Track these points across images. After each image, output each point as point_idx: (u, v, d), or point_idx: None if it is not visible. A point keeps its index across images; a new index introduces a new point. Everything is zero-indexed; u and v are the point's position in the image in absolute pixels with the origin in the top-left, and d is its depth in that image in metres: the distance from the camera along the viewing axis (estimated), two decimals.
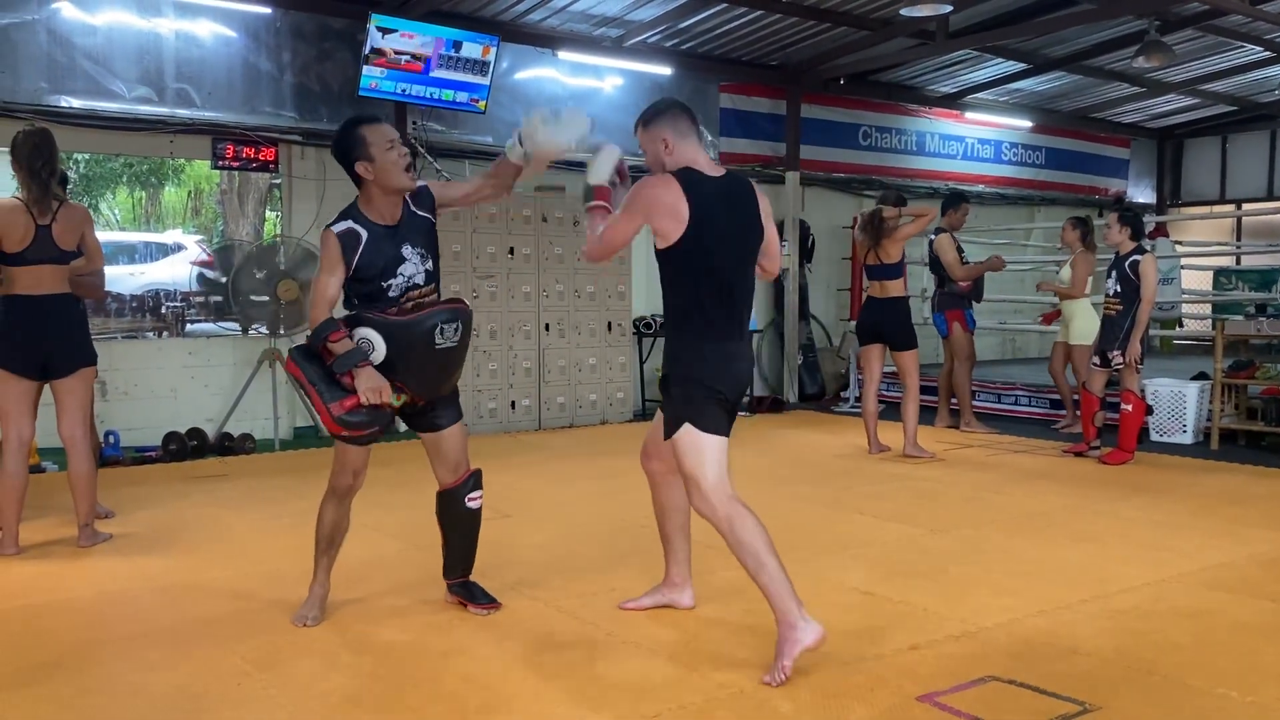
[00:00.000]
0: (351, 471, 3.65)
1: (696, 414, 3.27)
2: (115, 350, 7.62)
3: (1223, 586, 4.16)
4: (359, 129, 3.50)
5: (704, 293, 3.28)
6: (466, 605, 3.82)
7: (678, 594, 3.79)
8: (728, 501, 3.24)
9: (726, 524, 3.22)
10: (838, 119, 11.19)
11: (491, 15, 8.53)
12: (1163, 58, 9.29)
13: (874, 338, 7.27)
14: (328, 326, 3.42)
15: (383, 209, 3.53)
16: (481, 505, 3.82)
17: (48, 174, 4.59)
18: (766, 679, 3.11)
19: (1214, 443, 7.59)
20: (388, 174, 3.47)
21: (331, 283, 3.47)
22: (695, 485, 3.28)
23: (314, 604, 3.74)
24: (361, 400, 3.38)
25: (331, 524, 3.72)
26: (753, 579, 3.21)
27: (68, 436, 4.72)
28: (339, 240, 3.45)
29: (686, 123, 3.35)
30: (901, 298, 7.24)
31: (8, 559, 4.56)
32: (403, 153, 3.50)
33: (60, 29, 7.20)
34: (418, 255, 3.56)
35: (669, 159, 3.32)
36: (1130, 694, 3.08)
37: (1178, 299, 11.72)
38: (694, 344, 3.31)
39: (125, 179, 17.06)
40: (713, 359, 3.30)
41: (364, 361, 3.41)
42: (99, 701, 3.07)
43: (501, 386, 8.60)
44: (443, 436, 3.70)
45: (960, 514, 5.49)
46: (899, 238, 7.15)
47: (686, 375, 3.30)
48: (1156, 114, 13.47)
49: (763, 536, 3.20)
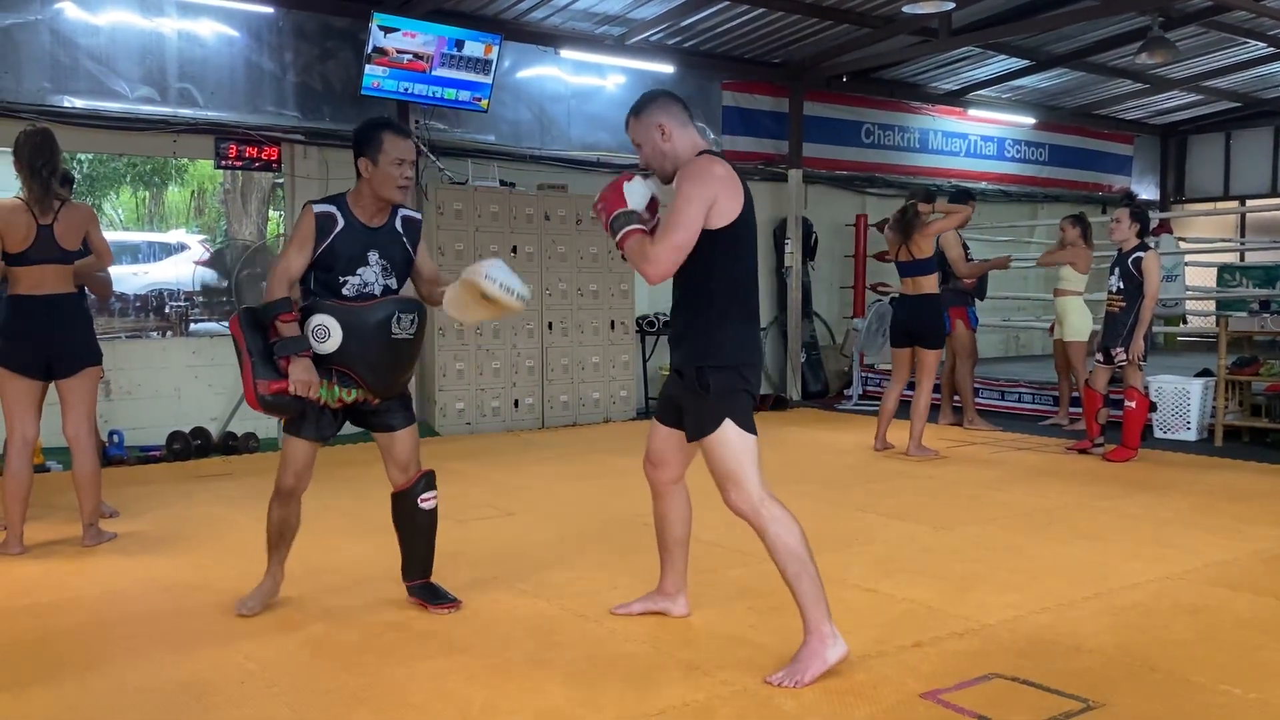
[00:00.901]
0: (293, 472, 3.69)
1: (740, 410, 3.18)
2: (119, 350, 7.62)
3: (1226, 583, 4.16)
4: (383, 132, 3.57)
5: (746, 279, 3.24)
6: (427, 606, 3.81)
7: (670, 603, 3.73)
8: (770, 502, 3.18)
9: (770, 524, 3.15)
10: (840, 116, 11.19)
11: (494, 14, 8.53)
12: (1166, 54, 9.27)
13: (907, 339, 7.22)
14: (282, 306, 3.49)
15: (369, 209, 3.59)
16: (436, 506, 3.83)
17: (48, 174, 4.59)
18: (773, 679, 3.09)
19: (1218, 439, 7.58)
20: (382, 182, 3.53)
21: (297, 260, 3.53)
22: (737, 484, 3.17)
23: (258, 595, 3.82)
24: (290, 388, 3.46)
25: (278, 522, 3.78)
26: (789, 584, 3.15)
27: (73, 436, 4.73)
28: (315, 219, 3.53)
29: (680, 109, 3.27)
30: (934, 294, 7.20)
31: (13, 558, 4.57)
32: (406, 175, 3.56)
33: (63, 29, 7.21)
34: (381, 266, 3.59)
35: (668, 145, 3.23)
36: (1133, 691, 3.08)
37: (1181, 296, 11.71)
38: (737, 333, 3.20)
39: (128, 179, 17.09)
40: (752, 350, 3.23)
41: (305, 351, 3.48)
42: (104, 700, 3.08)
43: (505, 385, 8.60)
44: (395, 438, 3.73)
45: (964, 511, 5.49)
46: (930, 232, 7.15)
47: (729, 367, 3.17)
48: (1160, 110, 13.46)
49: (804, 540, 3.14)
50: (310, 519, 3.88)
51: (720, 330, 3.19)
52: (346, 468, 6.46)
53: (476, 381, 8.47)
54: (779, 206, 10.70)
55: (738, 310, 3.21)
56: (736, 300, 3.21)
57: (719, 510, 5.43)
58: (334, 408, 3.61)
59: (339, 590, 4.09)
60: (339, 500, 5.64)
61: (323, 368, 3.55)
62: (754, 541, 4.77)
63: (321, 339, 3.51)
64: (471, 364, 8.47)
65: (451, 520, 5.15)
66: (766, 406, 9.79)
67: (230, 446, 7.42)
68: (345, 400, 3.59)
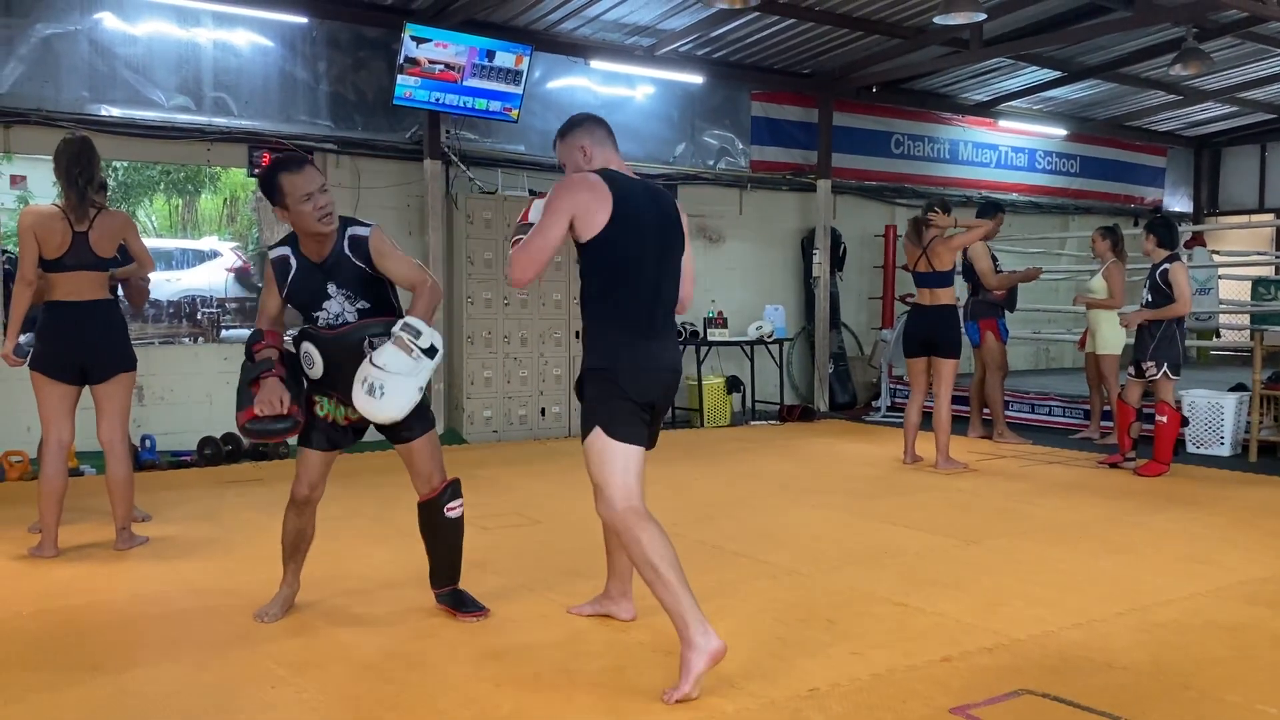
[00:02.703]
0: (308, 483, 3.72)
1: (608, 418, 3.17)
2: (152, 356, 7.71)
3: (1262, 601, 4.10)
4: (278, 176, 3.49)
5: (625, 286, 3.22)
6: (455, 614, 3.82)
7: (615, 606, 3.80)
8: (632, 513, 3.12)
9: (629, 535, 3.10)
10: (870, 127, 11.16)
11: (524, 25, 8.58)
12: (1200, 65, 9.19)
13: (922, 349, 7.20)
14: (254, 337, 3.62)
15: (309, 247, 3.59)
16: (462, 514, 3.84)
17: (84, 181, 4.65)
18: (666, 696, 3.03)
19: (1252, 455, 7.48)
20: (300, 222, 3.51)
21: (270, 301, 3.70)
22: (600, 492, 3.18)
23: (276, 602, 3.85)
24: (256, 411, 3.50)
25: (294, 531, 3.82)
26: (652, 592, 3.11)
27: (106, 441, 4.79)
28: (273, 265, 3.64)
29: (603, 133, 3.41)
30: (951, 305, 7.18)
31: (47, 561, 4.63)
32: (320, 204, 3.48)
33: (102, 39, 7.32)
34: (344, 295, 3.58)
35: (587, 166, 3.35)
36: (1167, 709, 3.04)
37: (1215, 309, 11.58)
38: (612, 339, 3.21)
39: (162, 186, 17.30)
40: (628, 357, 3.20)
41: (266, 373, 3.53)
42: (135, 703, 3.11)
43: (532, 393, 8.63)
44: (412, 449, 3.74)
45: (993, 524, 5.45)
46: (952, 245, 7.12)
47: (600, 372, 3.20)
48: (1193, 122, 13.33)
49: (667, 551, 3.08)
50: (338, 525, 3.91)
51: (599, 338, 3.25)
52: (373, 474, 6.49)
53: (504, 390, 8.50)
54: (807, 217, 10.68)
55: (616, 316, 3.22)
56: (617, 307, 3.22)
57: (744, 521, 5.45)
58: (342, 425, 3.68)
59: (367, 596, 4.11)
60: (366, 506, 5.68)
61: (321, 391, 3.64)
62: (778, 552, 4.78)
63: (309, 366, 3.60)
64: (499, 372, 8.50)
65: (478, 528, 5.18)
66: (794, 417, 9.76)
67: (260, 452, 7.47)
68: (351, 419, 3.66)
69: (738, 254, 10.38)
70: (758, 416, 9.90)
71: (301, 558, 3.88)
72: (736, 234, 10.38)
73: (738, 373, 10.00)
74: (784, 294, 10.70)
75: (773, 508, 5.86)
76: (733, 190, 10.35)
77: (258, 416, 3.51)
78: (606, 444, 3.17)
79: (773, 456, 7.78)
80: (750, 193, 10.45)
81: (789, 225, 10.80)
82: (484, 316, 8.44)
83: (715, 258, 10.17)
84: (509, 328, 8.53)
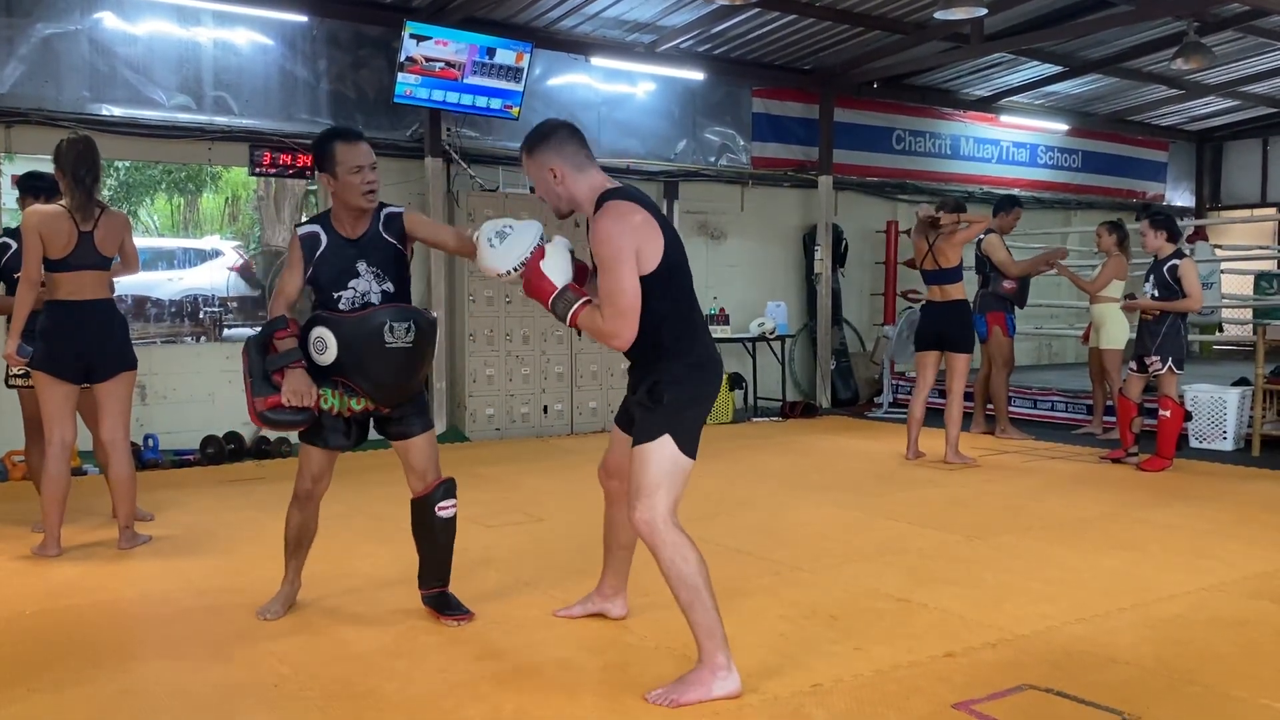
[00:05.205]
0: (310, 477, 3.72)
1: (685, 430, 3.11)
2: (154, 354, 7.72)
3: (1266, 596, 4.10)
4: (334, 143, 3.54)
5: (689, 307, 3.18)
6: (439, 616, 3.78)
7: (609, 603, 3.76)
8: (678, 530, 3.05)
9: (675, 551, 3.00)
10: (871, 123, 11.15)
11: (525, 22, 8.58)
12: (1202, 60, 9.17)
13: (933, 344, 7.22)
14: (278, 324, 3.57)
15: (345, 221, 3.61)
16: (455, 515, 3.80)
17: (91, 181, 4.66)
18: (650, 695, 3.01)
19: (1255, 449, 7.47)
20: (345, 193, 3.53)
21: (290, 282, 3.64)
22: (648, 500, 3.03)
23: (278, 600, 3.86)
24: (283, 401, 3.49)
25: (297, 528, 3.82)
26: (683, 612, 3.06)
27: (109, 440, 4.79)
28: (300, 241, 3.61)
29: (576, 148, 3.18)
30: (964, 300, 7.23)
31: (50, 560, 4.63)
32: (368, 180, 3.52)
33: (102, 38, 7.32)
34: (373, 274, 3.59)
35: (561, 189, 3.17)
36: (1171, 705, 3.03)
37: (1217, 303, 11.55)
38: (699, 364, 3.16)
39: (164, 185, 17.30)
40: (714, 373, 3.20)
41: (296, 363, 3.52)
42: (139, 702, 3.11)
43: (534, 391, 8.63)
44: (410, 445, 3.73)
45: (996, 520, 5.44)
46: (957, 242, 7.14)
47: (696, 374, 3.15)
48: (1195, 116, 13.31)
49: (701, 570, 3.03)
50: (340, 523, 3.91)
51: (677, 364, 3.12)
52: (375, 472, 6.49)
53: (506, 387, 8.50)
54: (809, 213, 10.67)
55: (687, 344, 3.14)
56: (685, 335, 3.14)
57: (747, 518, 5.44)
58: (345, 416, 3.64)
59: (370, 594, 4.11)
60: (368, 505, 5.68)
61: (328, 379, 3.58)
62: (783, 549, 4.78)
63: (320, 351, 3.55)
64: (501, 370, 8.50)
65: (481, 525, 5.18)
66: (796, 414, 9.76)
67: (263, 451, 7.48)
68: (354, 409, 3.62)
69: (739, 251, 10.38)
70: (760, 413, 9.89)
71: (304, 554, 3.88)
72: (738, 231, 10.37)
73: (740, 369, 9.99)
74: (786, 290, 10.70)
75: (775, 504, 5.86)
76: (734, 187, 10.34)
77: (282, 406, 3.50)
78: (677, 456, 3.09)
79: (775, 453, 7.78)
80: (751, 189, 10.45)
81: (790, 221, 10.79)
82: (486, 314, 8.44)
83: (717, 254, 10.17)
84: (511, 325, 8.53)
